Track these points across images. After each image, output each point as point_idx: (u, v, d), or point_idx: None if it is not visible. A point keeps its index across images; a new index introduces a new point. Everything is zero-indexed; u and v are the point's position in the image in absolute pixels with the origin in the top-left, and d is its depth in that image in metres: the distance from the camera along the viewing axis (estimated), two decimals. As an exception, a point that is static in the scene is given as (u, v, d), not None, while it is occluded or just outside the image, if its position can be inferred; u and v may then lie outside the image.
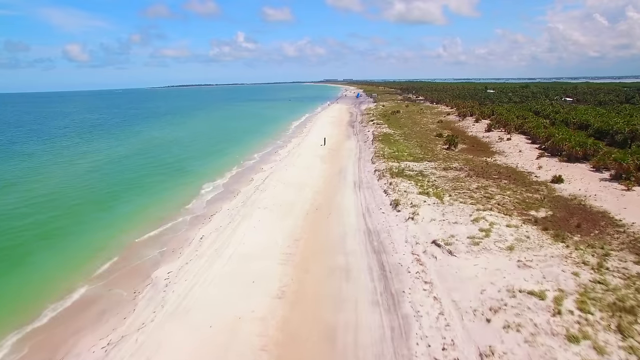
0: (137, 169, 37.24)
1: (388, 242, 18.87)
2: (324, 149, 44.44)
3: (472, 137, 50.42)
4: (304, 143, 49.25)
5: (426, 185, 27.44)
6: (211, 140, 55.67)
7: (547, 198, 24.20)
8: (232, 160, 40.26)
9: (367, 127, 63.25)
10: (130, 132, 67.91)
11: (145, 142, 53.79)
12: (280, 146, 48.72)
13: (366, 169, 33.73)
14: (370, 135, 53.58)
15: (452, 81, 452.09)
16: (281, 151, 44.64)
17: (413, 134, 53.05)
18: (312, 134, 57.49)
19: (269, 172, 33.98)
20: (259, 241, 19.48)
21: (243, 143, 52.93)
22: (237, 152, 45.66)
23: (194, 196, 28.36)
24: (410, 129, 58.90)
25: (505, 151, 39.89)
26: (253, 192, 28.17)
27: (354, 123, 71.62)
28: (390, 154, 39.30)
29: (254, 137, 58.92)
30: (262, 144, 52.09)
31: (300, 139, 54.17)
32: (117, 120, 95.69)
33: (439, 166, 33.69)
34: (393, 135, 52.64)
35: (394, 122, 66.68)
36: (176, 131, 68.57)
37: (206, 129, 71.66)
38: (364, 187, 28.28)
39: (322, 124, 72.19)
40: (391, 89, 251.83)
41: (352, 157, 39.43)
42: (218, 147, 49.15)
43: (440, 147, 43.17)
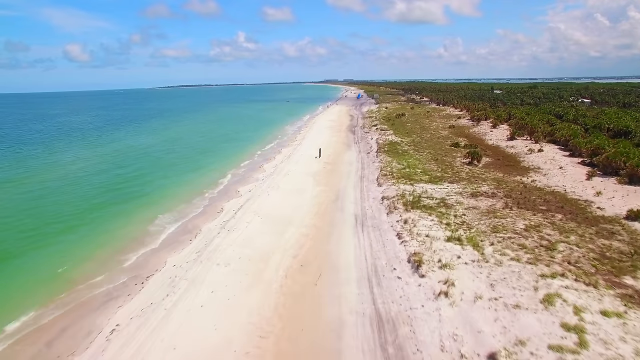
0: (87, 194, 29.48)
1: (411, 348, 11.38)
2: (318, 163, 36.95)
3: (494, 147, 42.87)
4: (295, 154, 41.76)
5: (454, 224, 19.95)
6: (190, 151, 48.16)
7: (636, 250, 16.67)
8: (205, 181, 32.65)
9: (370, 133, 55.75)
10: (105, 140, 60.49)
11: (115, 154, 46.27)
12: (267, 158, 41.21)
13: (371, 194, 26.20)
14: (373, 144, 46.08)
15: (453, 81, 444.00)
16: (267, 165, 37.15)
17: (424, 143, 45.53)
18: (307, 142, 50.02)
19: (246, 198, 26.51)
20: (201, 342, 12.00)
21: (226, 154, 45.47)
22: (216, 166, 38.18)
23: (136, 241, 20.74)
24: (420, 135, 51.39)
25: (541, 167, 32.33)
26: (217, 232, 20.69)
27: (355, 128, 64.12)
28: (400, 171, 31.81)
29: (241, 145, 51.47)
30: (248, 154, 44.65)
31: (292, 148, 46.68)
32: (98, 124, 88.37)
33: (465, 190, 26.19)
34: (401, 144, 45.14)
35: (400, 128, 59.17)
36: (156, 138, 61.08)
37: (190, 136, 64.11)
38: (369, 226, 20.77)
39: (319, 128, 64.69)
40: (393, 89, 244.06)
41: (352, 175, 31.93)
42: (195, 160, 41.59)
43: (459, 160, 35.65)
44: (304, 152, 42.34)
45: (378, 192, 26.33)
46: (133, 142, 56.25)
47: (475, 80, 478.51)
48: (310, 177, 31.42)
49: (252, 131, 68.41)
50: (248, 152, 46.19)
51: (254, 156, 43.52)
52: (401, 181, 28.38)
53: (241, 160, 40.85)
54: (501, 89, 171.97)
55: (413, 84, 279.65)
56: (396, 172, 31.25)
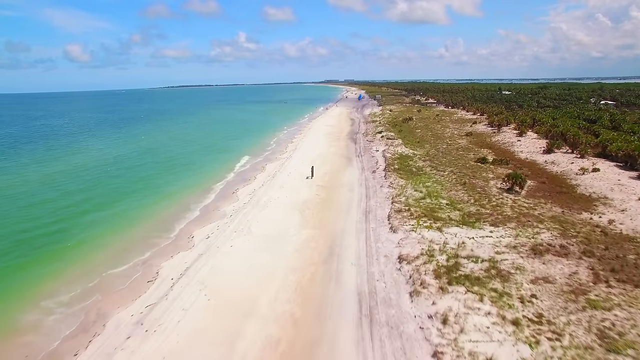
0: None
1: None
2: (310, 187, 28.62)
3: (530, 163, 34.43)
4: (282, 172, 33.39)
5: (528, 326, 11.61)
6: (158, 167, 39.38)
7: None
8: (152, 221, 23.63)
9: (375, 142, 47.39)
10: (69, 150, 52.05)
11: (66, 173, 37.17)
12: (246, 178, 32.74)
13: (382, 247, 17.81)
14: (380, 157, 37.69)
15: (454, 82, 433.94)
16: (243, 191, 28.72)
17: (442, 157, 37.13)
18: (299, 154, 41.66)
19: (198, 253, 18.11)
20: None
21: (200, 171, 36.96)
22: (179, 192, 29.35)
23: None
24: (434, 146, 43.01)
25: (609, 197, 23.89)
26: (126, 336, 12.32)
27: (357, 135, 55.73)
28: (418, 202, 23.43)
29: (221, 159, 43.10)
30: (225, 171, 36.30)
31: (279, 163, 38.29)
32: (74, 129, 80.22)
33: (519, 240, 17.81)
34: (413, 158, 36.74)
35: (409, 135, 50.80)
36: (128, 148, 52.62)
37: (169, 145, 55.56)
38: (382, 325, 12.40)
39: (315, 135, 56.34)
40: (395, 89, 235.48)
41: (354, 209, 23.54)
42: (156, 184, 32.25)
43: (494, 184, 27.26)
44: (293, 170, 33.96)
45: (392, 243, 17.94)
46: (98, 154, 47.86)
47: (477, 81, 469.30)
48: (297, 213, 23.05)
49: (240, 138, 60.07)
50: (226, 167, 37.81)
51: (231, 174, 35.12)
52: (423, 222, 20.01)
53: (214, 181, 32.37)
54: (510, 89, 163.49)
55: (415, 85, 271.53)
56: (414, 205, 22.86)
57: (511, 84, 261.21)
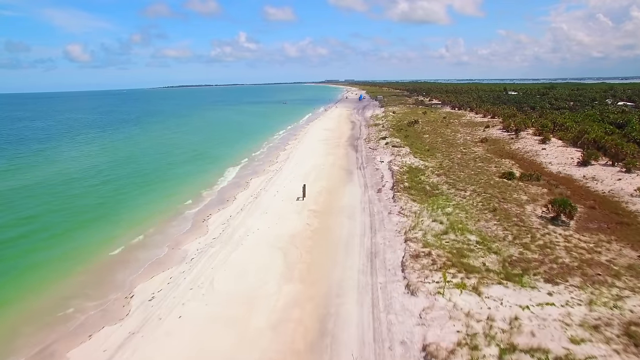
0: None
1: None
2: (300, 213, 23.01)
3: (566, 178, 28.75)
4: (268, 191, 27.73)
5: None
6: (129, 185, 32.83)
7: None
8: (84, 278, 17.31)
9: (379, 150, 41.76)
10: (37, 159, 45.94)
11: (13, 194, 31.09)
12: (224, 199, 26.89)
13: (395, 329, 12.03)
14: (385, 171, 32.04)
15: (455, 82, 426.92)
16: (215, 218, 22.93)
17: (458, 169, 31.49)
18: (290, 166, 36.03)
19: (124, 336, 12.44)
20: None
21: (174, 190, 30.24)
22: (140, 224, 22.55)
23: None
24: (447, 155, 37.38)
25: (690, 231, 18.23)
26: None
27: (358, 141, 50.11)
28: (439, 239, 17.81)
29: (203, 171, 37.40)
30: (204, 187, 30.68)
31: (267, 177, 32.61)
32: (54, 133, 74.67)
33: (597, 314, 12.16)
34: (425, 171, 31.09)
35: (417, 142, 45.18)
36: (102, 158, 46.25)
37: (150, 153, 49.47)
38: None
39: (311, 141, 50.75)
40: (396, 90, 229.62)
41: (355, 251, 17.85)
42: (118, 210, 25.87)
43: (531, 210, 21.61)
44: (282, 187, 28.32)
45: (411, 316, 12.31)
46: (66, 166, 41.87)
47: (478, 81, 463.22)
48: (279, 254, 17.42)
49: (230, 144, 54.45)
50: (206, 183, 32.10)
51: (210, 192, 29.45)
52: (452, 275, 14.38)
53: (187, 205, 26.42)
54: (515, 89, 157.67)
55: (417, 85, 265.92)
56: (435, 245, 17.24)
57: (514, 84, 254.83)
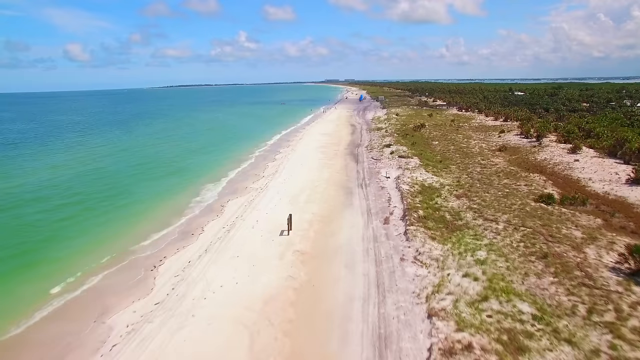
0: None
1: None
2: (282, 254, 17.29)
3: (618, 201, 22.98)
4: (245, 221, 21.95)
5: None
6: (71, 216, 25.65)
7: None
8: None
9: (383, 160, 36.07)
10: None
11: None
12: (187, 233, 21.15)
13: None
14: (392, 190, 26.30)
15: (455, 81, 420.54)
16: (166, 268, 17.03)
17: (481, 189, 25.77)
18: (278, 182, 30.29)
19: None
20: None
21: (127, 221, 23.84)
22: (57, 276, 17.12)
23: None
24: (464, 167, 31.69)
25: None
26: None
27: (359, 149, 44.41)
28: (479, 312, 12.15)
29: (173, 191, 31.21)
30: (171, 215, 24.85)
31: (247, 199, 26.75)
32: (29, 137, 68.87)
33: None
34: (442, 191, 25.36)
35: (426, 150, 39.47)
36: (67, 172, 39.95)
37: (119, 165, 42.58)
38: None
39: (306, 149, 45.04)
40: (397, 89, 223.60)
41: (357, 330, 12.16)
42: (49, 255, 20.20)
43: (594, 256, 15.90)
44: (264, 215, 22.60)
45: None
46: (19, 183, 35.19)
47: (478, 81, 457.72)
48: (244, 338, 11.72)
49: (214, 153, 48.62)
50: (172, 209, 25.91)
51: (174, 222, 23.56)
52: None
53: (135, 247, 20.01)
54: (521, 89, 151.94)
55: (418, 84, 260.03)
56: (475, 327, 11.56)
57: (519, 84, 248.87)
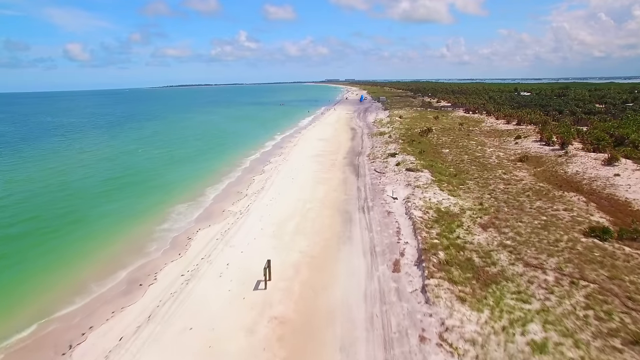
0: None
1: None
2: (253, 327, 12.28)
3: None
4: (211, 266, 16.88)
5: None
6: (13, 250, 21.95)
7: None
8: None
9: (388, 174, 31.07)
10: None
11: None
12: (131, 285, 15.96)
13: None
14: (403, 220, 21.27)
15: (456, 81, 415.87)
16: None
17: (510, 215, 20.77)
18: (261, 205, 25.26)
19: None
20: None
21: (59, 267, 18.76)
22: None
23: None
24: (484, 183, 26.70)
25: None
26: None
27: (360, 158, 39.42)
28: None
29: (135, 212, 26.08)
30: (119, 252, 19.89)
31: (220, 230, 21.60)
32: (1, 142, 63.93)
33: None
34: (462, 219, 20.38)
35: (437, 160, 34.47)
36: (26, 186, 34.74)
37: (85, 181, 35.39)
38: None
39: (299, 159, 40.05)
40: (399, 89, 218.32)
41: None
42: None
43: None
44: (238, 254, 17.56)
45: None
46: None
47: (479, 80, 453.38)
48: None
49: (198, 162, 43.31)
50: (126, 245, 20.67)
51: (118, 272, 18.29)
52: None
53: (43, 322, 14.42)
54: (526, 90, 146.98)
55: (419, 84, 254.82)
56: None
57: (523, 83, 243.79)
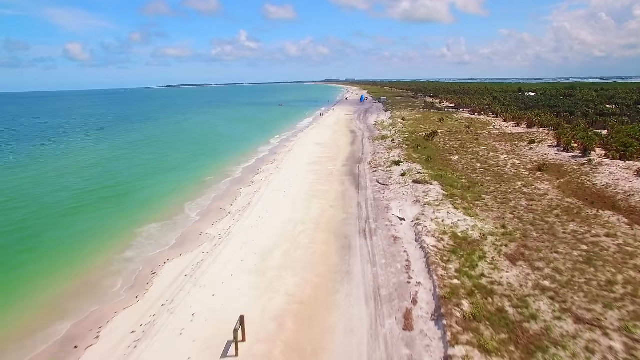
0: None
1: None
2: None
3: None
4: (174, 317, 13.26)
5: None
6: None
7: None
8: None
9: (393, 187, 27.46)
10: None
11: None
12: (64, 347, 12.38)
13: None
14: (413, 249, 17.65)
15: (456, 81, 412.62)
16: None
17: (541, 242, 17.14)
18: (245, 227, 21.60)
19: None
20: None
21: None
22: None
23: None
24: (503, 199, 23.07)
25: None
26: None
27: (360, 167, 35.80)
28: None
29: (96, 235, 21.79)
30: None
31: (191, 262, 18.04)
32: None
33: None
34: (484, 247, 16.75)
35: (447, 170, 30.84)
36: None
37: (43, 194, 30.40)
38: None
39: (293, 168, 36.43)
40: (399, 89, 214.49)
41: None
42: None
43: None
44: (206, 304, 13.87)
45: None
46: None
47: (480, 80, 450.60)
48: None
49: (181, 173, 38.78)
50: (69, 288, 15.94)
51: (37, 332, 14.05)
52: None
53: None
54: (531, 90, 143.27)
55: (420, 84, 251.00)
56: None
57: (520, 83, 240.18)
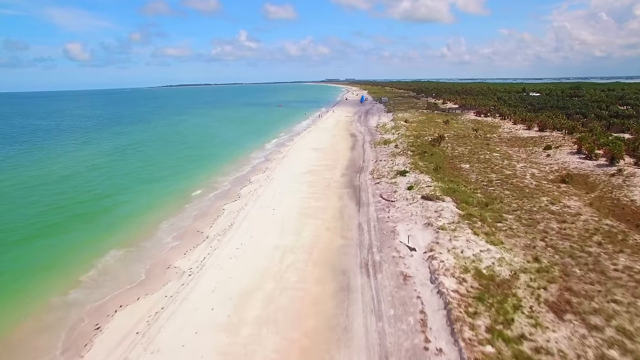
0: None
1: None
2: None
3: None
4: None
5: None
6: None
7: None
8: None
9: (399, 205, 23.86)
10: None
11: None
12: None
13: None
14: (427, 293, 13.99)
15: (456, 81, 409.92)
16: None
17: (587, 282, 13.54)
18: (221, 259, 18.04)
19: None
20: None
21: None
22: None
23: None
24: (530, 223, 19.46)
25: None
26: None
27: (361, 176, 32.15)
28: None
29: (35, 288, 18.23)
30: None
31: (151, 308, 14.48)
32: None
33: None
34: (518, 291, 13.13)
35: (460, 182, 27.20)
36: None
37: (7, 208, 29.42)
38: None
39: (286, 179, 32.79)
40: (400, 89, 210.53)
41: None
42: None
43: None
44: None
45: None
46: None
47: (480, 80, 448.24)
48: None
49: (163, 185, 34.21)
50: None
51: None
52: None
53: None
54: (535, 90, 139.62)
55: (421, 84, 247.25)
56: None
57: (522, 83, 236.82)
